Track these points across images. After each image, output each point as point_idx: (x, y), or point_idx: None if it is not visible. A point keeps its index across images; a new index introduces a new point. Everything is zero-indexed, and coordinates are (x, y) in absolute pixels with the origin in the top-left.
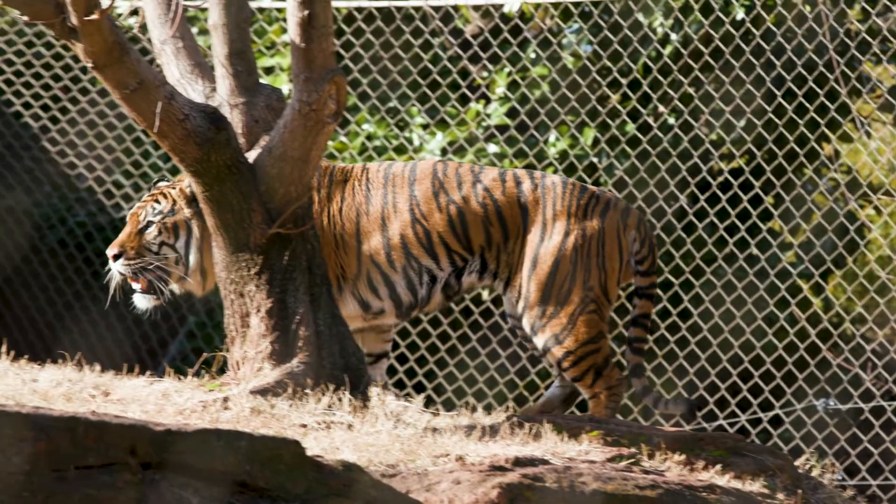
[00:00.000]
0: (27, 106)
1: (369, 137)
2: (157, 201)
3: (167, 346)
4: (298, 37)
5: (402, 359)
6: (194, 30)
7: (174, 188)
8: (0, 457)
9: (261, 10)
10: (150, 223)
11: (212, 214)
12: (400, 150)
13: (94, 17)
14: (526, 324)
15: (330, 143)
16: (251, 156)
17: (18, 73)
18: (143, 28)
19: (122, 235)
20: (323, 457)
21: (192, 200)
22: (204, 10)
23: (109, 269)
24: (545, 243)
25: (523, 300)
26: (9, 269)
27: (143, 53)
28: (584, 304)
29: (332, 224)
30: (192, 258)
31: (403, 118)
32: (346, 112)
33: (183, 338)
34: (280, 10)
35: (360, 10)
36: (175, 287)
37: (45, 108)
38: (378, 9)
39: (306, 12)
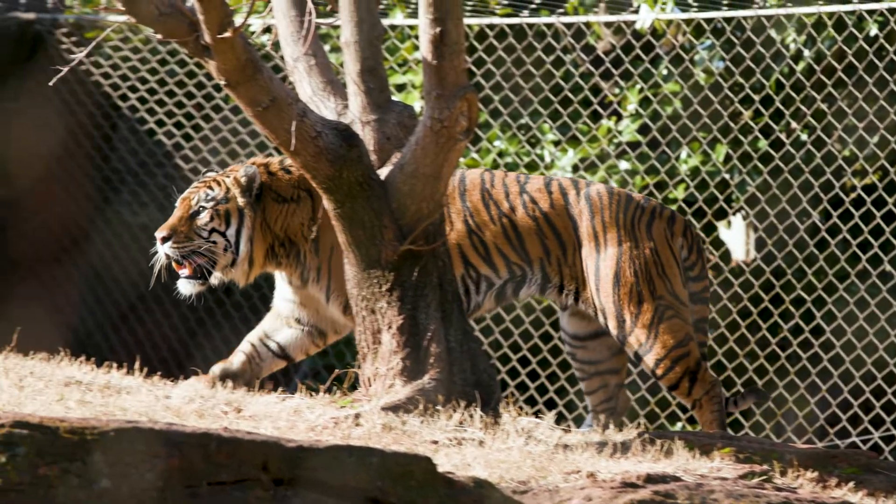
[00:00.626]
0: (160, 123)
1: (500, 154)
2: (210, 188)
3: (299, 363)
4: (430, 54)
5: (533, 375)
6: (326, 47)
7: (228, 176)
8: (133, 473)
9: (393, 27)
10: (201, 208)
11: (343, 231)
12: (531, 166)
13: (228, 34)
14: (616, 336)
15: (461, 159)
16: (383, 173)
17: (152, 91)
18: (276, 46)
19: (173, 219)
20: (454, 473)
21: (246, 190)
22: (336, 27)
23: (156, 252)
24: (601, 256)
25: (601, 314)
26: (142, 286)
27: (275, 71)
28: (660, 313)
29: None
30: (243, 247)
31: (535, 135)
32: (477, 129)
33: (315, 354)
34: (412, 28)
35: (491, 27)
36: (220, 275)
37: (179, 125)
38: (510, 25)
39: (438, 29)
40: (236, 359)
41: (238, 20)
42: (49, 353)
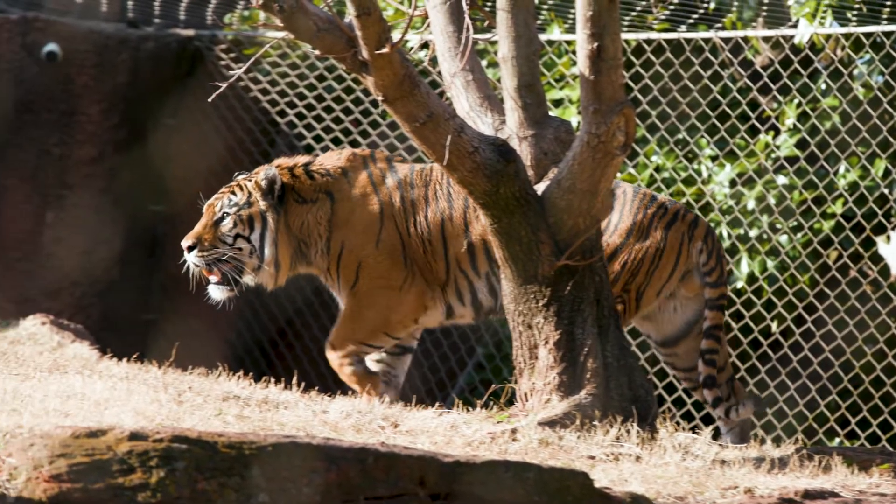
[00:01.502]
0: (318, 139)
1: (658, 169)
2: (233, 193)
3: (456, 378)
4: (588, 69)
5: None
6: (483, 63)
7: (250, 180)
8: (291, 487)
9: (550, 42)
10: (225, 215)
11: (500, 247)
12: (688, 181)
13: (385, 50)
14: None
15: (618, 174)
16: (540, 188)
17: (310, 107)
18: (434, 61)
19: (198, 227)
20: (611, 489)
21: (267, 193)
22: (494, 43)
23: (185, 261)
24: (605, 240)
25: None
26: (300, 301)
27: (432, 87)
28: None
29: (418, 231)
30: (267, 251)
31: (692, 150)
32: (634, 144)
33: (471, 369)
34: (569, 43)
35: (649, 41)
36: (249, 279)
37: (336, 141)
38: (667, 40)
39: (596, 44)
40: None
41: (396, 36)
42: (207, 369)
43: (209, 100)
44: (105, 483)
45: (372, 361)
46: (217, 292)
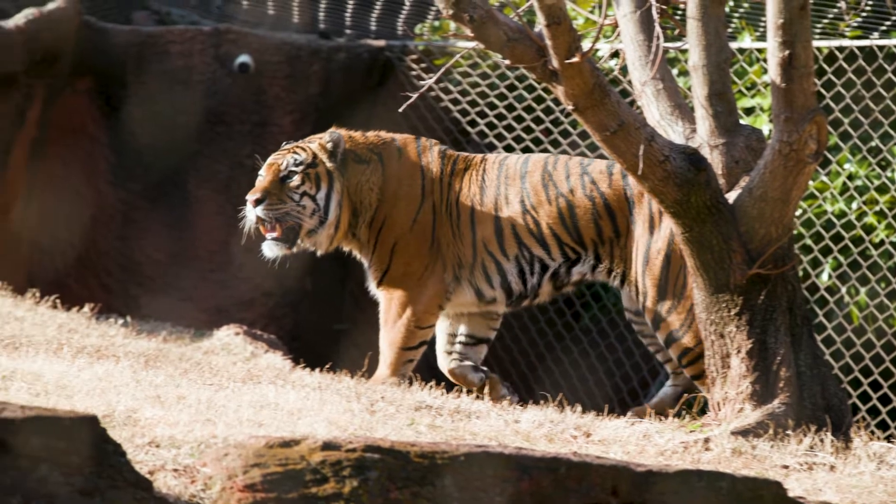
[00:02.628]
0: (509, 149)
1: (850, 177)
2: (296, 153)
3: (648, 388)
4: (779, 77)
5: (885, 399)
6: (674, 71)
7: (312, 143)
8: (483, 497)
9: (741, 50)
10: (291, 172)
11: (691, 255)
12: (882, 189)
13: (576, 59)
14: (647, 320)
15: (810, 182)
16: (731, 197)
17: (500, 117)
18: (624, 70)
19: (264, 182)
20: (805, 499)
21: (332, 154)
22: (684, 51)
23: (243, 214)
24: (654, 238)
25: (642, 296)
26: None
27: (623, 95)
28: None
29: (449, 212)
30: (332, 211)
31: (885, 157)
32: (826, 152)
33: (664, 378)
34: (760, 51)
35: (841, 49)
36: (301, 240)
37: (527, 150)
38: (860, 48)
39: (787, 52)
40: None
41: (586, 45)
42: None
43: (400, 110)
44: (298, 492)
45: (444, 356)
46: (273, 249)
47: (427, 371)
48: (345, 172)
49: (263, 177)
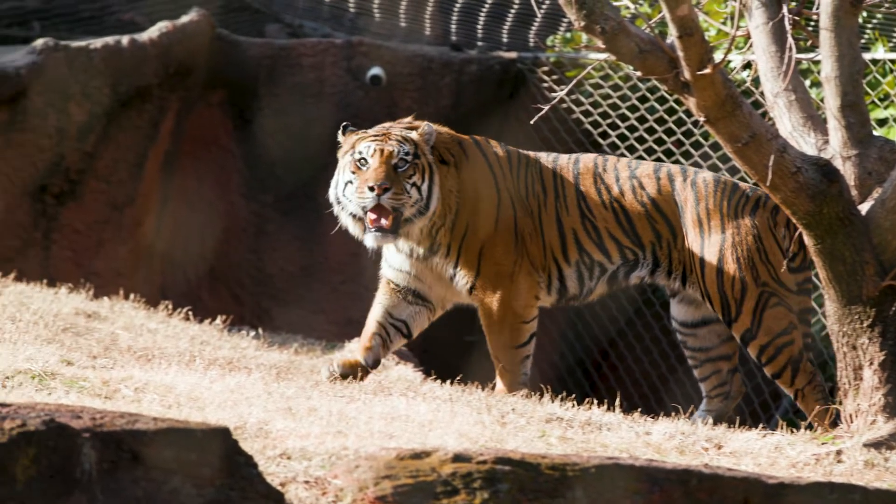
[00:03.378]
0: (640, 160)
1: None
2: (401, 142)
3: (780, 399)
4: None
5: None
6: (806, 82)
7: (411, 132)
8: None
9: (874, 61)
10: (403, 161)
11: (823, 267)
12: None
13: (707, 71)
14: (723, 320)
15: None
16: (863, 208)
17: (632, 128)
18: (756, 81)
19: (382, 170)
20: None
21: (430, 147)
22: (816, 62)
23: (347, 200)
24: (705, 242)
25: (707, 300)
26: (622, 322)
27: (754, 107)
28: (764, 300)
29: (526, 207)
30: (434, 202)
31: None
32: None
33: None
34: (894, 62)
35: None
36: (402, 230)
37: (658, 161)
38: None
39: None
40: (373, 343)
41: (718, 56)
42: (530, 390)
43: (531, 122)
44: None
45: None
46: (380, 240)
47: (558, 383)
48: (438, 166)
49: (376, 164)
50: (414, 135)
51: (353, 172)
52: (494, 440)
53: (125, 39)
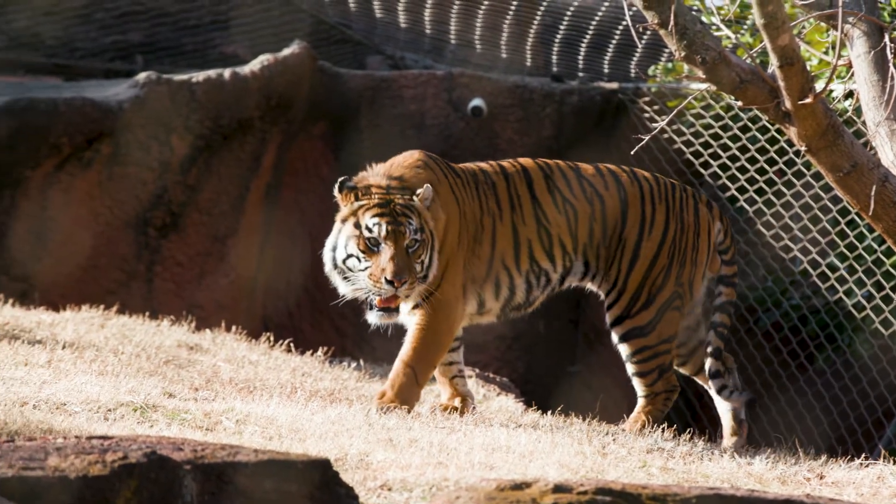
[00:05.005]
0: (742, 190)
1: None
2: (409, 218)
3: (883, 429)
4: None
5: None
6: None
7: (412, 201)
8: None
9: None
10: (414, 241)
11: None
12: None
13: (809, 100)
14: (612, 313)
15: None
16: None
17: (734, 158)
18: (857, 111)
19: (400, 258)
20: None
21: (428, 207)
22: None
23: (352, 277)
24: (645, 236)
25: (616, 291)
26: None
27: (856, 136)
28: (671, 300)
29: (474, 227)
30: (433, 271)
31: None
32: None
33: None
34: None
35: None
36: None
37: (760, 192)
38: None
39: None
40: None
41: (819, 85)
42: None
43: (632, 152)
44: None
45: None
46: (383, 319)
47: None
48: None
49: (391, 252)
50: (416, 203)
51: (362, 251)
52: (595, 471)
53: (227, 73)
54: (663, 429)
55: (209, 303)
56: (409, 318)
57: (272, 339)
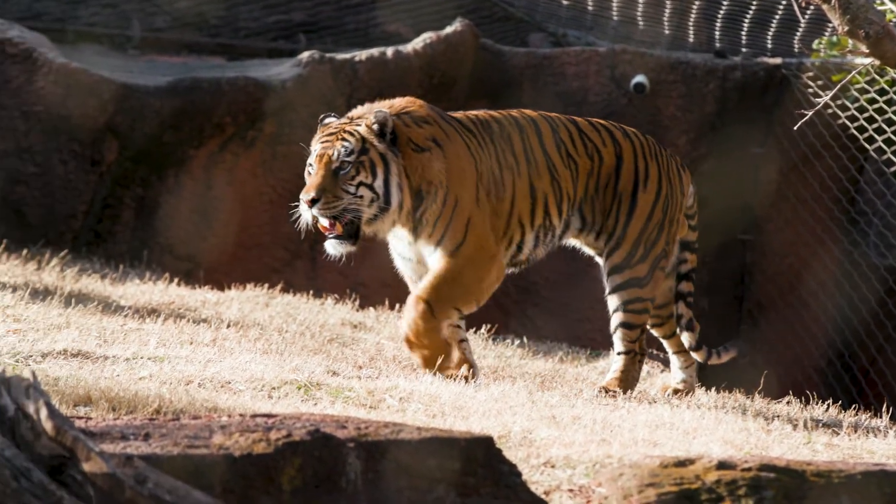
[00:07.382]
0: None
1: None
2: (344, 140)
3: None
4: None
5: None
6: None
7: (359, 125)
8: None
9: None
10: (344, 163)
11: None
12: None
13: None
14: (611, 261)
15: None
16: None
17: None
18: None
19: (316, 178)
20: None
21: (380, 136)
22: None
23: (297, 213)
24: (641, 189)
25: (615, 240)
26: (891, 329)
27: None
28: (659, 259)
29: (496, 185)
30: (394, 195)
31: None
32: None
33: None
34: None
35: None
36: (366, 229)
37: None
38: None
39: None
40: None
41: None
42: (796, 396)
43: (795, 127)
44: None
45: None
46: (338, 248)
47: (825, 389)
48: (398, 154)
49: (315, 171)
50: (361, 128)
51: (306, 179)
52: (759, 447)
53: (389, 51)
54: (828, 405)
55: (373, 281)
56: (431, 261)
57: None
